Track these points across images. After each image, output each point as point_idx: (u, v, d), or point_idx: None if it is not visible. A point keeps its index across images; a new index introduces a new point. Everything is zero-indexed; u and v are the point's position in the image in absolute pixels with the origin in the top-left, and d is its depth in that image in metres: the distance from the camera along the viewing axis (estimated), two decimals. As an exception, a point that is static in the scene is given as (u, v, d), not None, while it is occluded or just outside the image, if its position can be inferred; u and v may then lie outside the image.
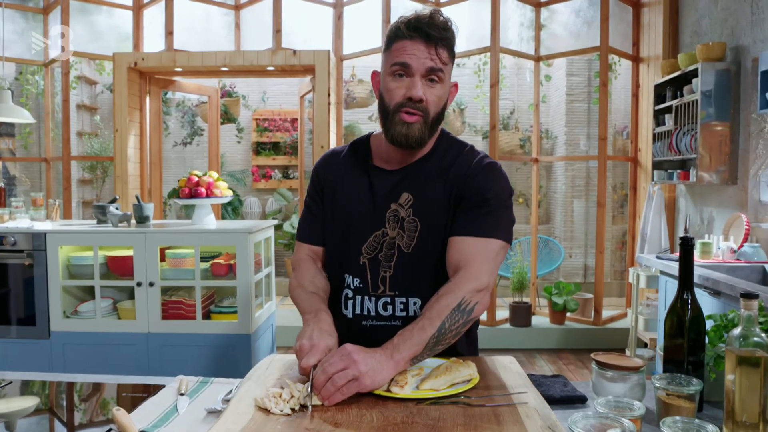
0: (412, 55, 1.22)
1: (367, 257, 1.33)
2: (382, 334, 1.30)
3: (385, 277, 1.32)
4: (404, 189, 1.33)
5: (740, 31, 3.51)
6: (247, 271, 2.98)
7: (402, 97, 1.24)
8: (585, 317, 4.85)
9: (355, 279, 1.35)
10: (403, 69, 1.24)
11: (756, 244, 3.24)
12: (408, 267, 1.31)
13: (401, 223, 1.32)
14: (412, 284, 1.32)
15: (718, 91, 3.55)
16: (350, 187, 1.38)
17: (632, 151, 4.96)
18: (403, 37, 1.24)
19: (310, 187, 1.46)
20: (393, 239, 1.32)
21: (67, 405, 1.23)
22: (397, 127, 1.26)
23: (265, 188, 7.15)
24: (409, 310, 1.33)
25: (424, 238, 1.31)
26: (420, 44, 1.22)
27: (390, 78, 1.26)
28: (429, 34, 1.22)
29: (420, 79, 1.23)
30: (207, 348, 2.98)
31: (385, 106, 1.28)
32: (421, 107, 1.24)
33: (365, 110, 6.67)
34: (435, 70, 1.23)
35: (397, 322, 1.33)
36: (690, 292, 1.11)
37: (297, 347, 1.14)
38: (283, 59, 4.36)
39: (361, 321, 1.34)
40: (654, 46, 4.56)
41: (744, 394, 0.96)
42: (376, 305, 1.33)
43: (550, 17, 4.92)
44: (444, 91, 1.28)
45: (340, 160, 1.43)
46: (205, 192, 3.10)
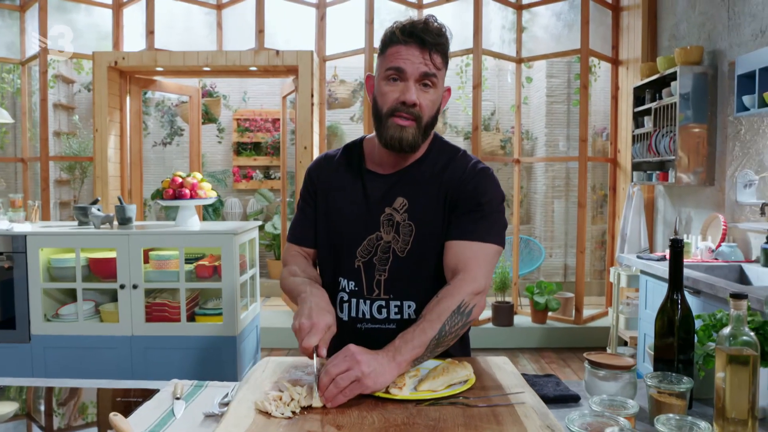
0: (406, 60, 1.24)
1: (362, 260, 1.34)
2: (377, 337, 1.32)
3: (380, 280, 1.33)
4: (399, 193, 1.34)
5: (717, 36, 3.58)
6: (232, 273, 2.97)
7: (395, 102, 1.25)
8: (566, 316, 4.91)
9: (350, 282, 1.36)
10: (397, 73, 1.25)
11: (733, 243, 3.32)
12: (403, 271, 1.32)
13: (396, 227, 1.33)
14: (407, 288, 1.33)
15: (695, 94, 3.62)
16: (344, 191, 1.39)
17: (612, 152, 5.03)
18: (398, 42, 1.25)
19: (303, 190, 1.47)
20: (388, 243, 1.33)
21: (45, 410, 1.21)
22: (391, 132, 1.27)
23: (246, 189, 7.11)
24: (403, 313, 1.34)
25: (419, 242, 1.32)
26: (415, 49, 1.24)
27: (384, 82, 1.27)
28: (424, 39, 1.24)
29: (414, 84, 1.24)
30: (192, 350, 2.96)
31: (379, 110, 1.29)
32: (415, 112, 1.25)
33: (347, 111, 6.66)
34: (429, 75, 1.25)
35: (391, 325, 1.34)
36: (680, 293, 1.14)
37: (296, 326, 1.14)
38: (266, 59, 4.34)
39: (356, 324, 1.35)
40: (633, 49, 4.64)
41: (734, 391, 0.99)
42: (371, 308, 1.34)
43: (531, 20, 4.97)
44: (437, 96, 1.29)
45: (333, 164, 1.43)
46: (189, 193, 3.07)
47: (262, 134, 6.92)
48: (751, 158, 3.50)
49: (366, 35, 4.52)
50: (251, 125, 6.91)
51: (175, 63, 4.30)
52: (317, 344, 1.10)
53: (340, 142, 6.94)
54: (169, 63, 4.30)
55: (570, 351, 4.63)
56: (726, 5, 3.47)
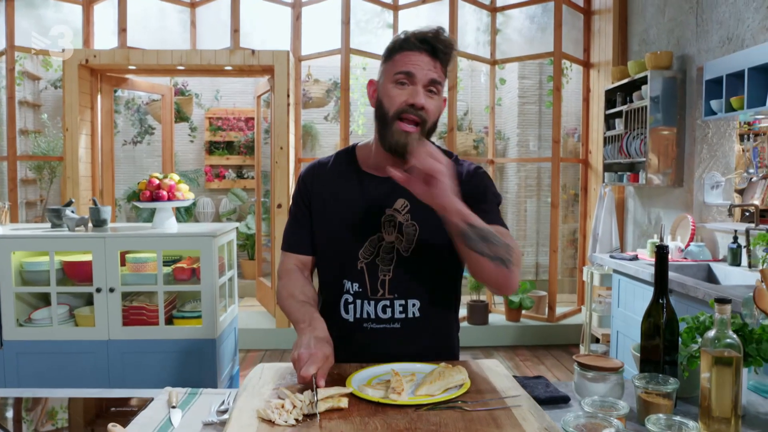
0: (416, 65, 1.28)
1: (365, 262, 1.37)
2: (383, 337, 1.37)
3: (385, 280, 1.37)
4: (399, 195, 1.37)
5: (686, 42, 3.70)
6: (212, 275, 2.94)
7: (403, 104, 1.29)
8: (539, 314, 5.00)
9: (354, 284, 1.38)
10: (406, 77, 1.28)
11: (701, 243, 3.43)
12: (407, 270, 1.36)
13: (399, 227, 1.36)
14: (411, 286, 1.37)
15: (665, 97, 3.73)
16: (342, 195, 1.41)
17: (583, 153, 5.14)
18: (409, 48, 1.29)
19: (297, 198, 1.48)
20: (391, 243, 1.36)
21: (35, 420, 1.20)
22: (396, 137, 1.30)
23: (218, 188, 7.03)
24: (408, 312, 1.38)
25: (423, 241, 1.36)
26: (425, 56, 1.28)
27: (392, 85, 1.30)
28: (435, 47, 1.29)
29: (422, 89, 1.28)
30: (171, 354, 2.92)
31: (384, 112, 1.31)
32: (422, 114, 1.29)
33: (321, 110, 6.64)
34: (436, 82, 1.30)
35: (396, 325, 1.37)
36: (665, 297, 1.18)
37: (295, 356, 1.15)
38: (242, 59, 4.31)
39: (361, 324, 1.38)
40: (604, 53, 4.74)
41: (718, 391, 1.04)
42: (375, 309, 1.37)
43: (505, 22, 5.04)
44: (440, 103, 1.34)
45: (327, 170, 1.46)
46: (166, 195, 3.04)
47: (234, 133, 6.85)
48: (717, 160, 3.62)
49: (342, 36, 4.52)
50: (224, 124, 6.84)
51: (149, 62, 4.23)
52: (315, 373, 1.11)
53: (315, 142, 6.93)
54: (143, 61, 4.23)
55: (544, 348, 4.72)
56: (694, 12, 3.58)
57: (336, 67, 6.33)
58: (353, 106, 5.72)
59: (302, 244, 1.46)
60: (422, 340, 1.41)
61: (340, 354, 1.35)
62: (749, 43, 3.06)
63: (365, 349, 1.37)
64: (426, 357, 1.38)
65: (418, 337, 1.40)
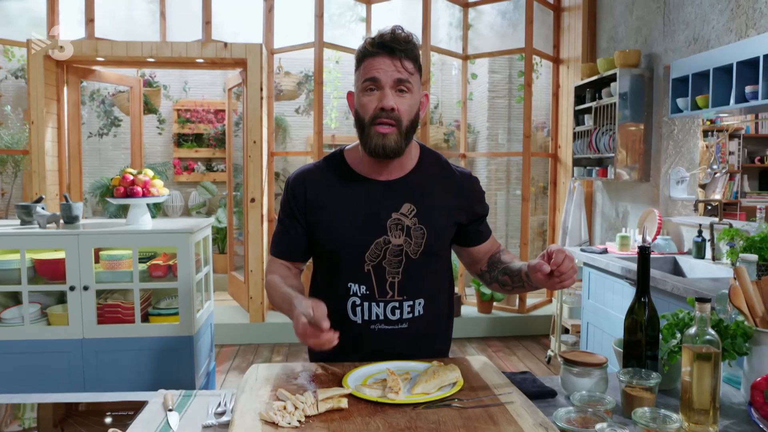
0: (379, 69, 1.32)
1: (371, 264, 1.39)
2: (390, 338, 1.40)
3: (394, 282, 1.40)
4: (405, 200, 1.41)
5: (653, 41, 3.80)
6: (189, 272, 2.92)
7: (375, 109, 1.32)
8: (510, 306, 5.10)
9: (362, 286, 1.40)
10: (373, 83, 1.33)
11: (667, 236, 3.55)
12: (416, 271, 1.41)
13: (407, 231, 1.40)
14: (419, 287, 1.42)
15: (633, 94, 3.83)
16: (343, 199, 1.42)
17: (552, 147, 5.24)
18: (370, 55, 1.33)
19: (286, 206, 1.48)
20: (399, 246, 1.39)
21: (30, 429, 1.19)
22: (374, 140, 1.34)
23: (187, 181, 6.93)
24: (415, 311, 1.42)
25: (431, 243, 1.41)
26: (385, 58, 1.32)
27: (362, 94, 1.35)
28: (392, 47, 1.32)
29: (390, 90, 1.32)
30: (147, 352, 2.90)
31: (361, 120, 1.36)
32: (394, 116, 1.32)
33: (292, 103, 6.60)
34: (403, 80, 1.33)
35: (404, 325, 1.41)
36: (647, 296, 1.24)
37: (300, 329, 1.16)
38: (214, 52, 4.25)
39: (369, 326, 1.41)
40: (573, 49, 4.84)
41: (699, 384, 1.10)
42: (384, 310, 1.40)
43: (477, 18, 5.09)
44: (414, 101, 1.37)
45: (319, 176, 1.46)
46: (141, 191, 2.99)
47: (204, 125, 6.75)
48: (683, 156, 3.75)
49: (316, 29, 4.50)
50: (192, 116, 6.74)
51: (118, 53, 4.14)
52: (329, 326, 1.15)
53: (285, 135, 6.88)
54: (111, 53, 4.14)
55: (515, 339, 4.83)
56: (662, 12, 3.68)
57: (307, 59, 6.29)
58: (326, 99, 5.69)
59: (290, 251, 1.49)
60: (426, 338, 1.45)
61: (349, 357, 1.38)
62: (714, 43, 3.17)
63: (375, 352, 1.39)
64: (428, 354, 1.43)
65: (423, 335, 1.44)
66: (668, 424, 1.01)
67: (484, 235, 1.53)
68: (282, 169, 6.88)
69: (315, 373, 1.27)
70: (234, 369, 3.97)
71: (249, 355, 4.28)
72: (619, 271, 3.09)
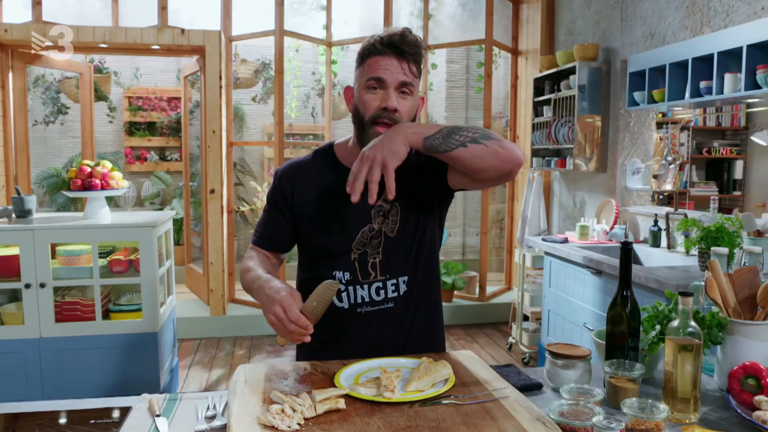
0: (386, 69, 1.31)
1: (358, 252, 1.40)
2: (377, 319, 1.41)
3: (375, 263, 1.41)
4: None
5: (611, 35, 3.90)
6: (152, 267, 2.84)
7: (377, 109, 1.32)
8: (470, 294, 5.18)
9: (346, 273, 1.41)
10: (377, 83, 1.31)
11: (624, 226, 3.67)
12: (395, 249, 1.41)
13: (386, 213, 1.41)
14: (400, 264, 1.42)
15: (591, 87, 3.93)
16: (329, 193, 1.43)
17: (511, 138, 5.33)
18: (377, 53, 1.32)
19: (273, 197, 1.49)
20: (378, 228, 1.40)
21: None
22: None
23: (140, 171, 6.72)
24: (399, 289, 1.42)
25: (406, 218, 1.42)
26: (393, 59, 1.31)
27: (365, 91, 1.33)
28: (402, 50, 1.31)
29: (393, 92, 1.31)
30: (109, 350, 2.81)
31: (361, 118, 1.35)
32: (396, 117, 1.32)
33: (249, 91, 6.46)
34: (407, 83, 1.32)
35: (390, 304, 1.42)
36: (629, 290, 1.27)
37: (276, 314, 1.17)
38: (171, 38, 4.12)
39: (356, 309, 1.41)
40: (532, 41, 4.91)
41: (681, 374, 1.14)
42: (369, 292, 1.41)
43: (437, 8, 5.10)
44: (414, 103, 1.37)
45: (308, 170, 1.47)
46: (100, 184, 2.89)
47: (156, 114, 6.55)
48: (638, 148, 3.87)
49: (276, 17, 4.40)
50: (145, 104, 6.52)
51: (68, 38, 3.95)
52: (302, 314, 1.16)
53: (242, 123, 6.75)
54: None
55: (476, 327, 4.91)
56: (619, 7, 3.78)
57: (264, 47, 6.18)
58: (286, 89, 5.60)
59: (271, 242, 1.50)
60: (414, 319, 1.45)
61: (339, 345, 1.38)
62: (670, 39, 3.28)
63: (363, 333, 1.41)
64: (420, 339, 1.44)
65: (411, 314, 1.45)
66: (656, 414, 1.05)
67: None
68: (239, 159, 6.76)
69: (304, 372, 1.26)
70: (196, 364, 3.90)
71: (211, 349, 4.21)
72: (581, 260, 3.17)
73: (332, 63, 5.06)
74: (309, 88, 6.57)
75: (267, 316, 1.20)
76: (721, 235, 2.52)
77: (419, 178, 1.42)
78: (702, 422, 1.14)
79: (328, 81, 5.08)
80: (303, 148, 6.77)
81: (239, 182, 6.61)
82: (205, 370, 3.78)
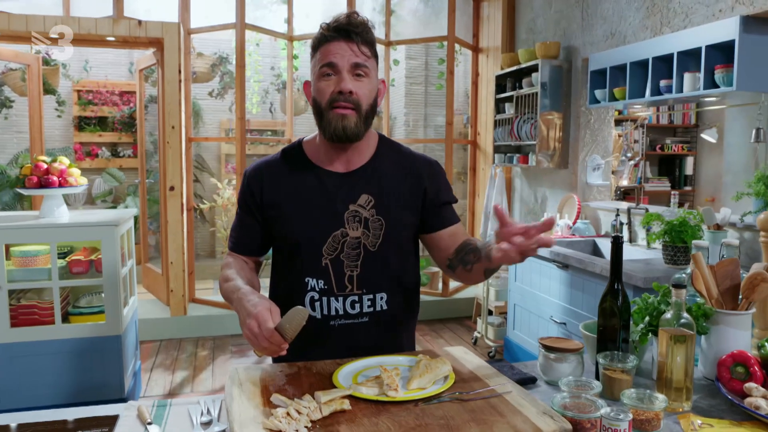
0: (336, 54, 1.31)
1: (329, 258, 1.36)
2: (351, 333, 1.38)
3: (352, 276, 1.37)
4: (362, 191, 1.38)
5: (572, 33, 3.98)
6: (115, 267, 2.74)
7: (332, 93, 1.31)
8: (433, 290, 5.21)
9: (319, 281, 1.37)
10: (330, 68, 1.31)
11: (586, 220, 3.76)
12: (374, 264, 1.38)
13: (365, 223, 1.37)
14: (379, 280, 1.39)
15: (552, 85, 4.00)
16: (300, 192, 1.39)
17: (472, 134, 5.38)
18: (326, 40, 1.32)
19: (242, 200, 1.45)
20: (357, 239, 1.37)
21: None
22: (333, 122, 1.32)
23: (90, 167, 6.45)
24: (376, 305, 1.39)
25: (389, 235, 1.38)
26: (342, 43, 1.31)
27: (319, 80, 1.33)
28: (348, 31, 1.32)
29: (347, 75, 1.31)
30: (69, 354, 2.69)
31: (318, 105, 1.34)
32: (353, 99, 1.31)
33: (205, 85, 6.30)
34: (360, 65, 1.32)
35: (364, 319, 1.39)
36: (620, 283, 1.30)
37: (247, 333, 1.14)
38: (127, 30, 3.97)
39: (329, 321, 1.38)
40: (493, 39, 4.96)
41: (675, 364, 1.17)
42: (344, 305, 1.38)
43: (399, 4, 5.09)
44: (372, 86, 1.36)
45: (276, 169, 1.44)
46: (57, 181, 2.75)
47: (108, 108, 6.30)
48: (598, 144, 3.97)
49: (237, 10, 4.30)
50: (95, 98, 6.27)
51: (16, 28, 3.76)
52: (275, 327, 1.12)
53: (198, 119, 6.58)
54: (8, 27, 3.75)
55: (440, 322, 4.94)
56: (580, 6, 3.86)
57: (221, 40, 6.05)
58: (246, 84, 5.48)
59: (245, 246, 1.47)
60: (388, 333, 1.44)
61: (311, 353, 1.34)
62: (630, 39, 3.37)
63: (334, 345, 1.38)
64: (389, 349, 1.42)
65: (385, 330, 1.43)
66: (655, 404, 1.07)
67: (446, 220, 1.45)
68: (196, 155, 6.59)
69: (300, 373, 1.23)
70: (158, 366, 3.78)
71: (172, 351, 4.09)
72: (548, 254, 3.23)
73: (294, 58, 4.98)
74: (268, 83, 6.46)
75: (243, 330, 1.17)
76: (684, 228, 2.61)
77: (415, 199, 1.42)
78: (694, 410, 1.18)
79: (290, 76, 5.01)
80: (261, 144, 6.66)
81: (196, 179, 6.45)
82: (167, 373, 3.67)
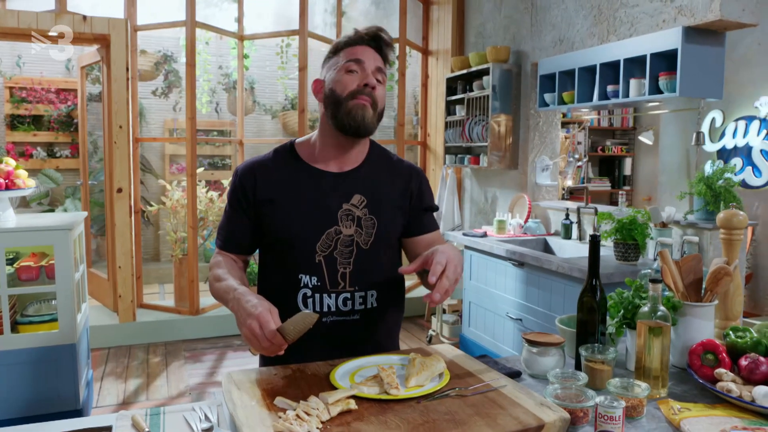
0: (364, 54, 1.40)
1: (323, 255, 1.40)
2: (342, 329, 1.42)
3: (345, 273, 1.41)
4: (355, 191, 1.44)
5: (521, 39, 4.11)
6: (68, 273, 2.63)
7: (356, 86, 1.37)
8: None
9: (312, 278, 1.40)
10: (357, 65, 1.38)
11: (537, 219, 3.90)
12: (366, 262, 1.42)
13: (358, 221, 1.42)
14: (371, 278, 1.43)
15: (502, 88, 4.13)
16: (293, 190, 1.43)
17: (422, 136, 5.46)
18: (355, 43, 1.40)
19: (233, 199, 1.47)
20: (350, 237, 1.41)
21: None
22: (353, 111, 1.37)
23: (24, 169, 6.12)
24: (367, 302, 1.43)
25: (381, 234, 1.44)
26: (370, 49, 1.41)
27: (343, 73, 1.39)
28: (379, 44, 1.42)
29: (371, 73, 1.38)
30: (20, 366, 2.57)
31: (337, 97, 1.38)
32: (374, 95, 1.38)
33: (149, 84, 6.12)
34: (381, 70, 1.42)
35: (356, 316, 1.43)
36: (597, 279, 1.37)
37: (246, 333, 1.16)
38: (71, 25, 3.81)
39: (321, 318, 1.39)
40: (443, 41, 5.06)
41: (652, 354, 1.25)
42: (336, 301, 1.41)
43: (351, 5, 5.11)
44: (385, 94, 1.45)
45: (269, 168, 1.47)
46: (4, 183, 2.62)
47: (43, 106, 6.01)
48: (546, 146, 4.12)
49: (187, 7, 4.20)
50: (29, 95, 5.96)
51: (-52, 21, 3.53)
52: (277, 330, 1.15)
53: (141, 119, 6.37)
54: (-61, 20, 3.52)
55: (394, 321, 4.99)
56: (529, 13, 4.00)
57: (165, 38, 5.89)
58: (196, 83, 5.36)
59: (235, 244, 1.49)
60: (378, 330, 1.47)
61: (302, 348, 1.36)
62: (578, 45, 3.52)
63: (326, 342, 1.41)
64: (378, 347, 1.45)
65: (375, 327, 1.46)
66: (638, 391, 1.14)
67: (426, 227, 1.54)
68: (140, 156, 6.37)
69: (295, 376, 1.23)
70: (108, 375, 3.65)
71: (122, 358, 3.95)
72: (503, 253, 3.33)
73: (244, 57, 4.91)
74: (215, 82, 6.33)
75: (241, 329, 1.19)
76: (633, 226, 2.75)
77: (402, 202, 1.49)
78: (670, 396, 1.26)
79: (240, 75, 4.93)
80: (207, 144, 6.52)
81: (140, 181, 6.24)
82: (119, 381, 3.54)
